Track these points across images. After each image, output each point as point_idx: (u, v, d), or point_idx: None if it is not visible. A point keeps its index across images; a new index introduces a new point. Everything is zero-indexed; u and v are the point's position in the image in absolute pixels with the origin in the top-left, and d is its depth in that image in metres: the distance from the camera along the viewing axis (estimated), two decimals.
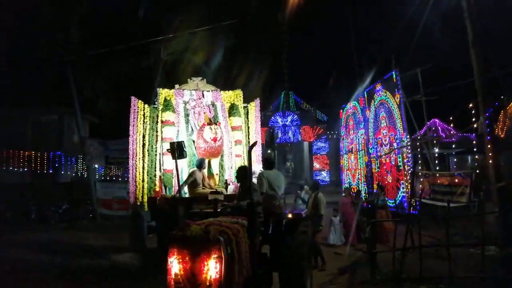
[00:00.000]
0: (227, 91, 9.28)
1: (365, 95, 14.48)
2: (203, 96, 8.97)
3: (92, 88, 17.37)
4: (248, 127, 9.30)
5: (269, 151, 8.49)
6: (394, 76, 11.86)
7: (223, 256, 3.74)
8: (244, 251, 4.21)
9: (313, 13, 22.01)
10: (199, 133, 8.31)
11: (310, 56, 28.27)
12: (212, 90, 9.13)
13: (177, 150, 6.61)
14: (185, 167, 8.25)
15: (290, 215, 5.61)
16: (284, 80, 27.91)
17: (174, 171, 7.83)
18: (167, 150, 7.49)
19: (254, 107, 9.34)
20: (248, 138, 9.23)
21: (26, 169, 19.17)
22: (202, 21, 15.62)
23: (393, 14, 14.07)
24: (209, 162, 8.36)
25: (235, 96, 9.24)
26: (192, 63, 17.10)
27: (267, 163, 6.35)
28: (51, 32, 16.12)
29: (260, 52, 20.77)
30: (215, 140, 8.06)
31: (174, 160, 6.76)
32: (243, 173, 5.86)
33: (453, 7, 9.90)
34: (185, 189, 7.58)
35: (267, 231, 5.59)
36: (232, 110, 9.05)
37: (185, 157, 6.98)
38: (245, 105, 9.31)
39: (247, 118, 9.32)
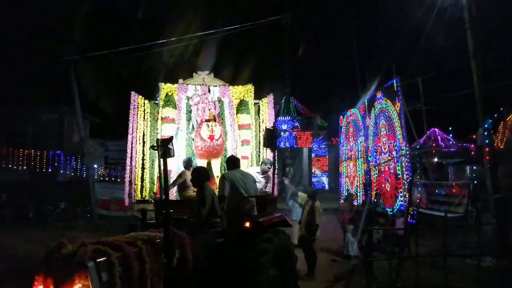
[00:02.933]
0: (236, 86, 8.55)
1: (366, 103, 14.50)
2: (209, 92, 8.31)
3: (94, 88, 17.42)
4: (260, 126, 8.53)
5: (269, 158, 7.70)
6: (394, 84, 11.88)
7: (91, 285, 3.02)
8: (145, 275, 3.46)
9: (315, 20, 22.10)
10: (196, 130, 7.84)
11: (311, 63, 28.30)
12: (220, 85, 8.48)
13: (161, 148, 6.21)
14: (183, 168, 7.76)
15: (247, 224, 4.71)
16: (286, 86, 27.99)
17: (173, 172, 7.48)
18: (151, 147, 6.84)
19: (266, 104, 8.55)
20: (259, 138, 8.50)
21: (25, 167, 19.19)
22: (205, 22, 15.66)
23: (395, 23, 14.15)
24: (209, 164, 7.77)
25: (245, 91, 8.45)
26: (196, 61, 16.71)
27: (230, 162, 5.60)
28: (54, 31, 16.24)
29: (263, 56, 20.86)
30: (211, 138, 7.54)
31: (163, 159, 6.40)
32: (200, 176, 5.09)
33: (455, 18, 9.98)
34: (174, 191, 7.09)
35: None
36: (241, 106, 8.31)
37: (172, 156, 6.41)
38: (257, 101, 8.60)
39: (258, 116, 8.60)
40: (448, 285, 6.22)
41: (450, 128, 14.39)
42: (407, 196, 10.63)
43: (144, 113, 8.24)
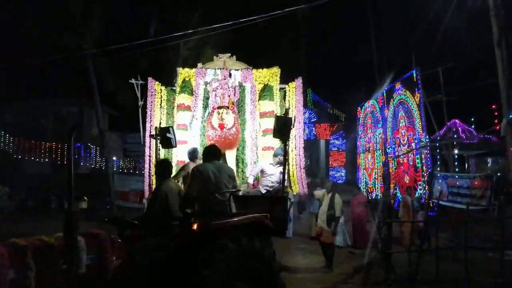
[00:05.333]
0: (261, 70, 7.78)
1: (384, 94, 14.29)
2: (230, 76, 7.65)
3: (112, 81, 17.55)
4: (287, 114, 7.82)
5: (279, 146, 6.80)
6: (414, 75, 11.65)
7: None
8: (28, 283, 3.00)
9: (333, 9, 21.72)
10: (208, 118, 7.34)
11: (329, 53, 27.91)
12: (242, 69, 7.77)
13: (159, 137, 5.55)
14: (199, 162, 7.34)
15: (195, 226, 3.90)
16: (302, 76, 27.67)
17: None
18: (150, 136, 6.51)
19: (294, 89, 7.72)
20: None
21: (47, 160, 19.67)
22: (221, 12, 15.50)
23: (415, 11, 13.83)
24: (223, 155, 7.14)
25: (270, 75, 7.71)
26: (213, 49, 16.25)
27: (207, 153, 4.82)
28: (73, 24, 16.41)
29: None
30: (221, 127, 6.97)
31: (166, 149, 5.96)
32: (162, 170, 4.59)
33: (478, 5, 9.67)
34: None
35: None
36: (263, 92, 7.56)
37: (174, 146, 5.83)
38: (283, 86, 7.84)
39: (284, 102, 7.79)
40: (469, 278, 6.10)
41: (472, 119, 14.00)
42: (427, 188, 10.48)
43: (161, 100, 7.82)
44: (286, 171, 7.00)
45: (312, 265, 7.71)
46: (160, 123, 7.59)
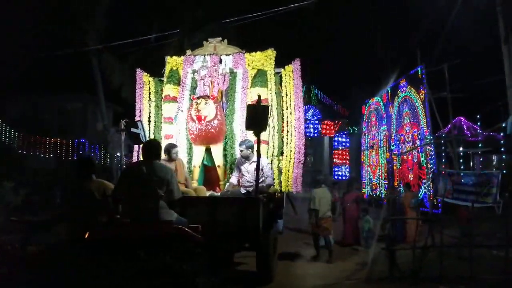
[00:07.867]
0: (254, 53, 7.08)
1: (389, 91, 14.23)
2: (220, 62, 7.01)
3: (116, 77, 17.56)
4: (283, 102, 7.03)
5: (251, 136, 5.96)
6: (419, 71, 11.59)
7: None
8: None
9: (337, 3, 21.50)
10: (188, 110, 6.65)
11: (333, 50, 27.68)
12: (233, 54, 7.11)
13: (126, 132, 5.09)
14: (184, 158, 6.70)
15: (87, 235, 3.47)
16: (306, 74, 27.51)
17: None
18: (116, 131, 6.24)
19: (291, 73, 6.94)
20: (281, 118, 6.98)
21: (51, 155, 19.75)
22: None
23: (421, 7, 13.72)
24: (207, 150, 6.68)
25: (264, 58, 6.98)
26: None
27: (145, 150, 4.15)
28: (78, 19, 16.44)
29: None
30: (199, 119, 6.21)
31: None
32: (82, 168, 4.16)
33: (485, 1, 9.60)
34: None
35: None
36: (255, 78, 6.82)
37: (144, 141, 5.47)
38: (278, 70, 7.12)
39: (280, 89, 7.09)
40: (474, 275, 6.09)
41: (477, 117, 13.92)
42: (431, 185, 10.44)
43: (150, 92, 7.47)
44: (277, 166, 6.76)
45: (315, 260, 7.75)
46: (149, 117, 7.32)
